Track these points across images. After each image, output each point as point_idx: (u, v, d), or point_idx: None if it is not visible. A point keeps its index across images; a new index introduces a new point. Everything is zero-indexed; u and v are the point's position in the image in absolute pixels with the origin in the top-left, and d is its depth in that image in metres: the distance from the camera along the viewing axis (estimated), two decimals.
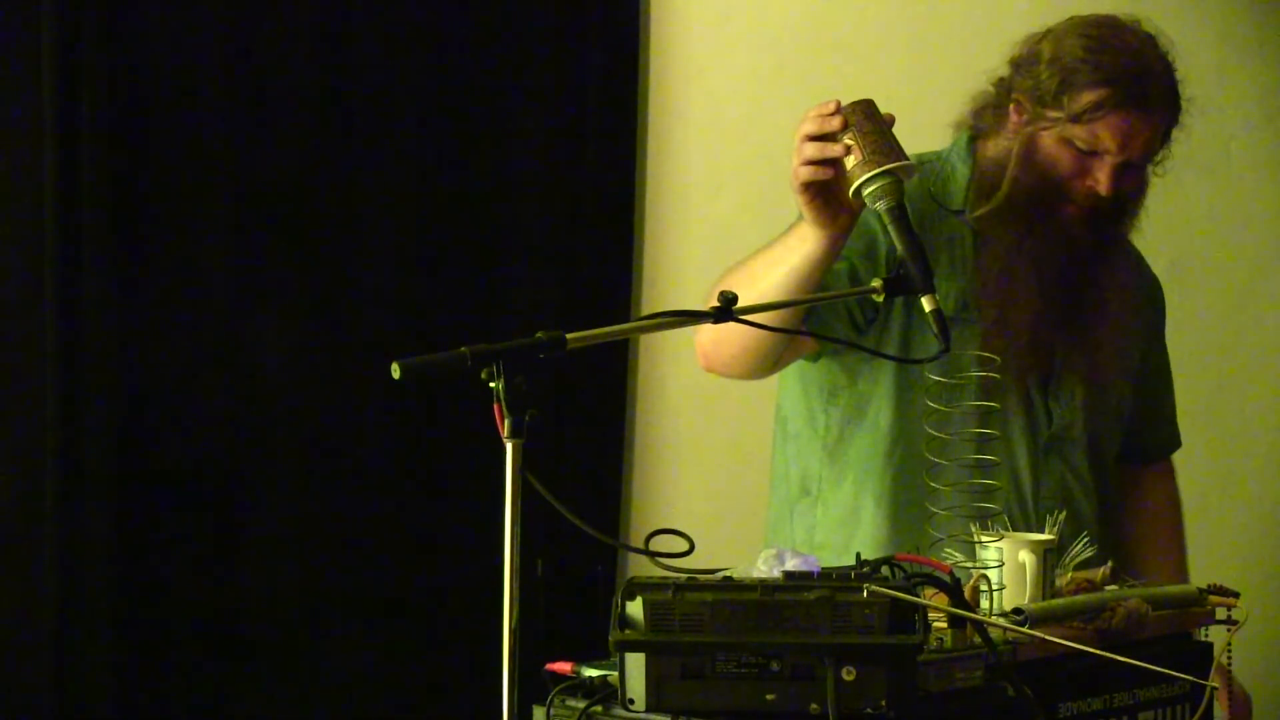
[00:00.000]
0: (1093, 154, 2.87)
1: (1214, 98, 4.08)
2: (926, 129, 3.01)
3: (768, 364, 2.89)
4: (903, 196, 2.45)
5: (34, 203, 3.54)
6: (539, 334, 2.14)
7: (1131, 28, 2.91)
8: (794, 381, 3.02)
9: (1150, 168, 2.96)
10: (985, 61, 2.99)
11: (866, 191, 2.46)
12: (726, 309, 2.27)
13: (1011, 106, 2.92)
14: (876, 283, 2.39)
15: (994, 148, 2.94)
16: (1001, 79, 2.95)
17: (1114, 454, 3.08)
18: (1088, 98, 2.85)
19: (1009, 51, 2.95)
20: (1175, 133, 2.95)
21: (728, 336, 2.81)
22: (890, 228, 2.44)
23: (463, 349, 2.09)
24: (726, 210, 4.14)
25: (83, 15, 3.55)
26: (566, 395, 4.05)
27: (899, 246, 2.42)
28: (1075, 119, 2.85)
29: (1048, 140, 2.89)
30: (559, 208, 4.09)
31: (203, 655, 3.73)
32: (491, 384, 2.08)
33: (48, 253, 3.54)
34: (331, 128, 3.85)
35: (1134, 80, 2.86)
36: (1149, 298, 3.13)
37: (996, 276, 2.88)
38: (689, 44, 4.16)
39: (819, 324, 2.86)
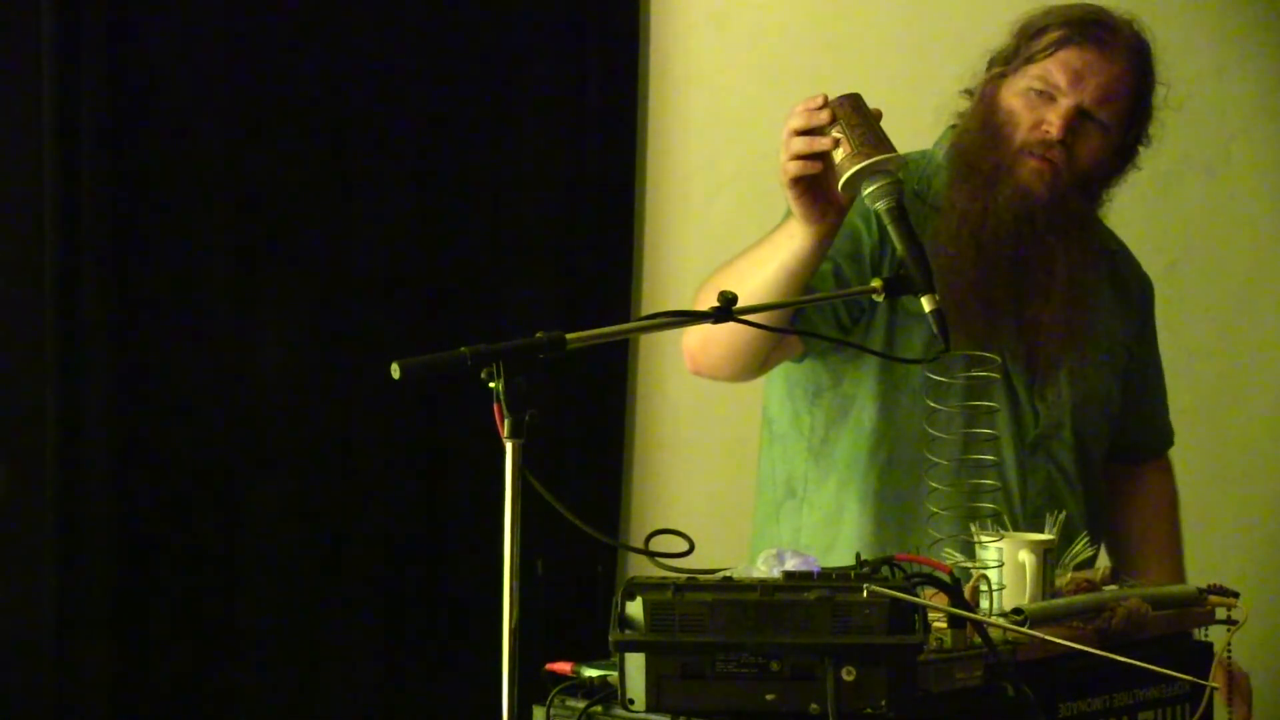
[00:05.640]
0: (1048, 100, 2.87)
1: (1214, 98, 4.10)
2: (925, 129, 3.01)
3: (755, 365, 2.87)
4: (902, 196, 2.44)
5: (34, 203, 3.54)
6: (539, 334, 2.14)
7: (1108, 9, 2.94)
8: (779, 383, 3.00)
9: (1128, 165, 2.95)
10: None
11: (866, 192, 2.44)
12: (726, 309, 2.26)
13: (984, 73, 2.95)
14: (876, 283, 2.38)
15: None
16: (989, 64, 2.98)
17: (1103, 453, 3.07)
18: (1045, 39, 2.89)
19: None
20: (1159, 130, 2.95)
21: (716, 338, 2.80)
22: (890, 228, 2.42)
23: (462, 349, 2.09)
24: (726, 210, 4.14)
25: (83, 15, 3.55)
26: (566, 395, 4.05)
27: (899, 247, 2.40)
28: (1031, 60, 2.88)
29: (1006, 93, 2.91)
30: (559, 208, 4.08)
31: (202, 655, 3.73)
32: (491, 384, 2.08)
33: (48, 252, 3.54)
34: (331, 127, 3.85)
35: (1092, 22, 2.89)
36: (1133, 291, 3.11)
37: (943, 240, 2.86)
38: (689, 44, 4.16)
39: (805, 326, 2.85)
